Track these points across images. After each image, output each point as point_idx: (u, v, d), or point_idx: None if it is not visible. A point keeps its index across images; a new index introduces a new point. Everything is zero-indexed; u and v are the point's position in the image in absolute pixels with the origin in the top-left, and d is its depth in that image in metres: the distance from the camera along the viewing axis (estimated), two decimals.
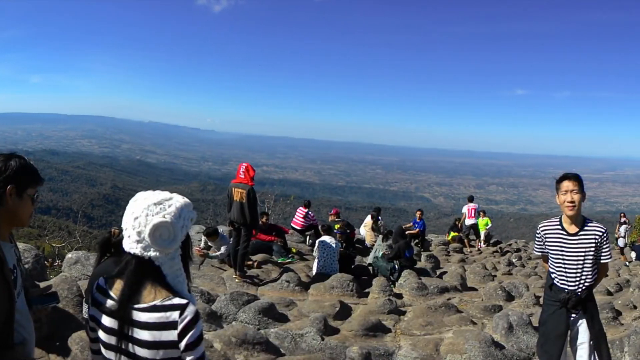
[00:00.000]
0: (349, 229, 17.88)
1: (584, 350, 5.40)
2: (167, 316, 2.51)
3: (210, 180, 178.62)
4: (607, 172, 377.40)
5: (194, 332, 2.54)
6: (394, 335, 8.77)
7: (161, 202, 2.59)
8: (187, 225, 2.69)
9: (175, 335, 2.51)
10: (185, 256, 2.77)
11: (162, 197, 2.63)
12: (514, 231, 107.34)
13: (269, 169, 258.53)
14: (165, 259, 2.60)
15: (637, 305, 12.36)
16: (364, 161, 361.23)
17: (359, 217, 44.59)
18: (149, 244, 2.53)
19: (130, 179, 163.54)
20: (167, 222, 2.54)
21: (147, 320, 2.50)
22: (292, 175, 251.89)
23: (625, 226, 25.59)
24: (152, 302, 2.52)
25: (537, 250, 5.79)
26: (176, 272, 2.66)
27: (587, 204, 5.90)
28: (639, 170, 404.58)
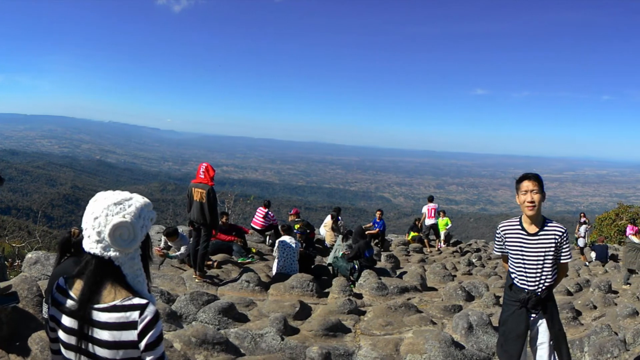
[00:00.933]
0: (308, 229, 17.93)
1: (544, 350, 5.42)
2: (127, 316, 2.51)
3: (170, 180, 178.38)
4: (567, 172, 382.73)
5: (154, 332, 2.55)
6: (353, 335, 8.79)
7: (121, 202, 2.60)
8: (147, 225, 2.70)
9: (135, 335, 2.52)
10: (145, 256, 2.77)
11: (122, 197, 2.63)
12: (474, 231, 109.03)
13: (229, 169, 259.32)
14: (125, 259, 2.60)
15: (597, 305, 12.55)
16: (323, 161, 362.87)
17: (318, 217, 44.75)
18: (108, 244, 2.53)
19: (90, 179, 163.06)
20: (127, 222, 2.55)
21: (107, 320, 2.51)
22: (251, 175, 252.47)
23: (585, 226, 25.84)
24: (112, 302, 2.53)
25: (497, 250, 5.79)
26: (136, 272, 2.67)
27: (547, 204, 5.94)
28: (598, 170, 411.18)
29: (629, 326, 10.25)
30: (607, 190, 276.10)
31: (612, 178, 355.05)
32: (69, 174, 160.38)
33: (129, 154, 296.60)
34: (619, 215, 39.45)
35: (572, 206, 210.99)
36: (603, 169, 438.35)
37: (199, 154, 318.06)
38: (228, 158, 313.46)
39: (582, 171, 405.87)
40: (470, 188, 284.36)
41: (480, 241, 30.54)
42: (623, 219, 37.62)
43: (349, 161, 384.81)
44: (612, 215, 40.18)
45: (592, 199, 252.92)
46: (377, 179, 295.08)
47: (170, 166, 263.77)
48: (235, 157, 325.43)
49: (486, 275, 17.83)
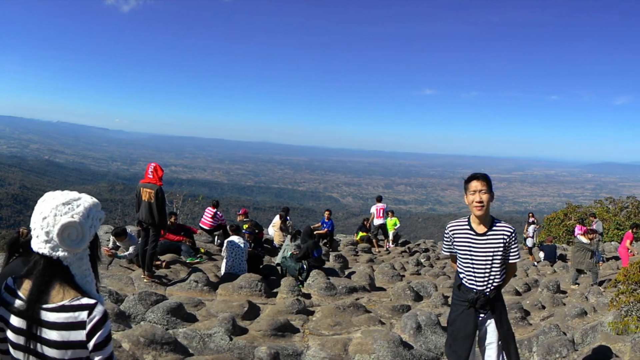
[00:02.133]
0: (257, 229, 17.84)
1: (493, 350, 5.45)
2: (76, 316, 2.51)
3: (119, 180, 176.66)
4: (515, 172, 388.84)
5: (103, 332, 2.55)
6: (302, 335, 8.80)
7: (69, 202, 2.60)
8: (96, 225, 2.70)
9: (84, 335, 2.51)
10: (94, 256, 2.77)
11: (71, 197, 2.63)
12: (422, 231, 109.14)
13: (178, 168, 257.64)
14: (74, 258, 2.60)
15: (546, 305, 12.70)
16: (272, 161, 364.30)
17: (267, 217, 44.80)
18: (57, 244, 2.53)
19: (39, 179, 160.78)
20: (76, 222, 2.55)
21: (55, 320, 2.50)
22: (200, 175, 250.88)
23: (534, 226, 26.10)
24: (60, 302, 2.52)
25: (446, 250, 5.79)
26: (84, 272, 2.66)
27: (495, 204, 6.00)
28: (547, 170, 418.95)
29: (578, 326, 10.42)
30: (555, 190, 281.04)
31: (561, 178, 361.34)
32: (17, 174, 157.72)
33: (78, 154, 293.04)
34: (567, 215, 39.84)
35: (520, 206, 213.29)
36: (551, 169, 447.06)
37: (147, 154, 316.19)
38: (177, 158, 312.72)
39: (530, 171, 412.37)
40: (418, 188, 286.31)
41: (428, 241, 30.65)
42: (571, 219, 37.99)
43: (297, 161, 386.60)
44: (561, 215, 40.57)
45: (540, 199, 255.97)
46: (326, 179, 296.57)
47: (118, 166, 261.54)
48: (183, 157, 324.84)
49: (435, 275, 17.91)
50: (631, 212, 41.50)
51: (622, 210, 41.93)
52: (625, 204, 42.83)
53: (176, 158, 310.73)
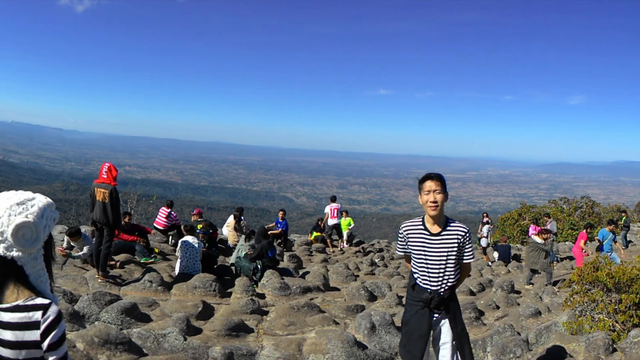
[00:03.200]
0: (211, 229, 17.92)
1: (447, 350, 5.45)
2: (30, 316, 2.50)
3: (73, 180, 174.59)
4: (470, 172, 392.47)
5: (57, 332, 2.53)
6: (256, 335, 8.83)
7: (24, 202, 2.58)
8: (50, 225, 2.69)
9: (38, 335, 2.50)
10: (48, 256, 2.76)
11: (25, 197, 2.61)
12: (376, 231, 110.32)
13: (132, 168, 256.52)
14: (28, 258, 2.59)
15: (500, 305, 12.80)
16: (226, 161, 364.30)
17: (221, 217, 44.68)
18: (11, 244, 2.52)
19: None
20: (30, 222, 2.54)
21: (9, 320, 2.48)
22: (154, 175, 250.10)
23: (488, 226, 26.21)
24: (14, 302, 2.51)
25: (400, 250, 5.77)
26: (39, 272, 2.65)
27: (449, 204, 6.03)
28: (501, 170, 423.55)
29: (532, 326, 10.52)
30: (509, 190, 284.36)
31: (515, 178, 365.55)
32: None
33: (32, 154, 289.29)
34: (521, 215, 40.19)
35: (474, 206, 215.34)
36: (506, 169, 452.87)
37: (101, 154, 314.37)
38: (131, 158, 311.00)
39: (485, 171, 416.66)
40: (373, 188, 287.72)
41: (383, 241, 30.73)
42: (526, 219, 38.18)
43: (251, 161, 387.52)
44: (515, 215, 40.91)
45: (494, 198, 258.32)
46: (280, 179, 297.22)
47: (73, 166, 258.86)
48: (138, 157, 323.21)
49: (389, 275, 18.01)
50: (585, 212, 42.03)
51: (576, 210, 42.47)
52: (580, 204, 43.36)
53: (130, 158, 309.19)
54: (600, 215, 42.41)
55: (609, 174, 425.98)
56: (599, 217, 40.95)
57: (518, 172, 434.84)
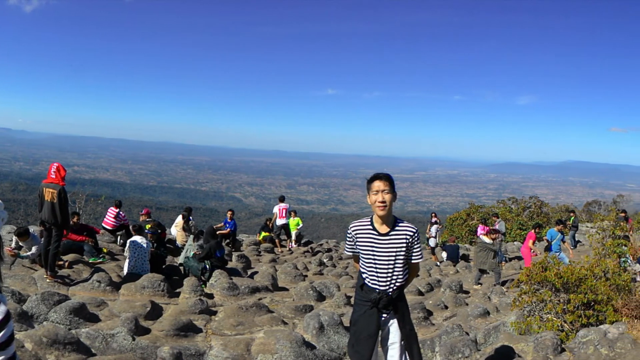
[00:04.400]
0: (160, 229, 17.82)
1: (395, 350, 5.44)
2: None
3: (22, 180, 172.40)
4: (418, 172, 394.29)
5: (5, 332, 2.52)
6: (205, 335, 8.82)
7: None
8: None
9: None
10: None
11: None
12: (325, 231, 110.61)
13: (80, 169, 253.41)
14: None
15: (448, 305, 12.91)
16: (175, 161, 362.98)
17: (170, 217, 44.59)
18: None
19: None
20: None
21: None
22: (103, 175, 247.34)
23: (437, 226, 26.29)
24: None
25: (348, 250, 5.75)
26: None
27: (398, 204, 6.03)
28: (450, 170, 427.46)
29: (480, 326, 10.63)
30: (458, 190, 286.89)
31: (464, 178, 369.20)
32: None
33: None
34: (470, 215, 40.57)
35: (423, 206, 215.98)
36: (454, 169, 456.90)
37: (50, 154, 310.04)
38: (79, 158, 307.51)
39: (433, 171, 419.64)
40: (321, 188, 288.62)
41: (331, 241, 30.83)
42: (474, 219, 38.65)
43: (200, 161, 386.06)
44: (463, 215, 41.28)
45: (443, 198, 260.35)
46: (228, 179, 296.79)
47: (21, 166, 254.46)
48: (86, 157, 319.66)
49: (337, 275, 18.08)
50: (534, 212, 42.47)
51: (524, 210, 42.90)
52: (528, 204, 43.81)
53: (79, 158, 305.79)
54: (548, 215, 43.09)
55: (557, 174, 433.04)
56: (547, 217, 41.53)
57: (466, 172, 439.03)
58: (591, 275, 9.73)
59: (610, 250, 12.19)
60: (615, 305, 9.31)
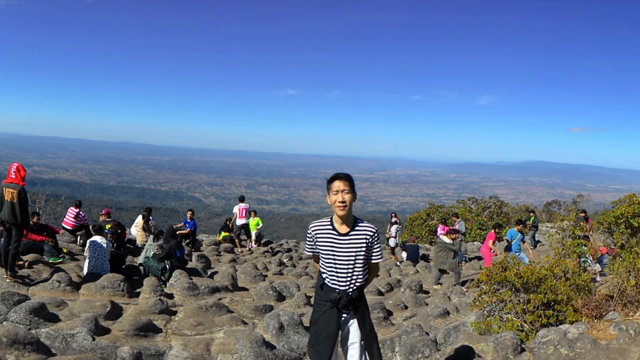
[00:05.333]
0: (120, 229, 17.95)
1: (355, 350, 5.44)
2: None
3: None
4: (378, 172, 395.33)
5: None
6: (165, 335, 8.84)
7: None
8: None
9: None
10: None
11: None
12: (285, 231, 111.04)
13: (40, 168, 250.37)
14: None
15: (408, 305, 12.99)
16: (135, 161, 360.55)
17: (130, 217, 44.38)
18: None
19: None
20: None
21: None
22: (63, 175, 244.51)
23: (397, 226, 26.22)
24: None
25: (308, 250, 5.76)
26: None
27: (358, 204, 6.05)
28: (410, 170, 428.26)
29: (440, 326, 10.69)
30: (418, 190, 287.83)
31: (424, 178, 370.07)
32: None
33: None
34: (430, 215, 40.65)
35: (383, 206, 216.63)
36: (414, 169, 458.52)
37: (10, 154, 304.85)
38: (39, 158, 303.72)
39: (393, 171, 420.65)
40: (281, 188, 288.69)
41: (291, 241, 31.02)
42: (434, 219, 38.73)
43: (160, 161, 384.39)
44: (423, 215, 41.33)
45: (403, 198, 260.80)
46: (188, 179, 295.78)
47: None
48: (46, 157, 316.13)
49: (297, 275, 18.17)
50: (493, 212, 42.87)
51: (484, 210, 43.31)
52: (488, 204, 44.21)
53: (39, 158, 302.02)
54: (508, 215, 43.46)
55: (517, 174, 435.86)
56: (507, 217, 41.90)
57: (426, 172, 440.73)
58: (551, 275, 9.83)
59: (570, 251, 12.27)
60: (575, 305, 9.42)
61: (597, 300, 9.50)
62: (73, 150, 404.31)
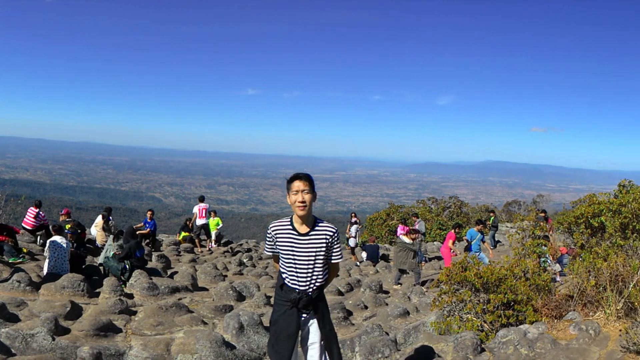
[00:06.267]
0: (80, 229, 17.95)
1: (315, 350, 5.47)
2: None
3: None
4: (338, 172, 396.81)
5: None
6: (124, 335, 8.81)
7: None
8: None
9: None
10: None
11: None
12: (245, 231, 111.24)
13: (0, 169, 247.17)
14: None
15: (368, 305, 12.98)
16: (95, 161, 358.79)
17: (90, 217, 44.09)
18: None
19: None
20: None
21: None
22: (22, 175, 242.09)
23: (356, 226, 26.20)
24: None
25: (268, 250, 5.73)
26: None
27: (318, 204, 6.06)
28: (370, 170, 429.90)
29: (400, 326, 10.73)
30: (378, 190, 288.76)
31: (384, 178, 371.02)
32: None
33: None
34: (389, 215, 40.46)
35: (343, 206, 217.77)
36: (374, 169, 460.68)
37: None
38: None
39: (353, 171, 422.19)
40: (241, 188, 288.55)
41: (251, 241, 31.08)
42: (394, 219, 38.49)
43: (120, 161, 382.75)
44: (383, 215, 41.12)
45: (363, 198, 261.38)
46: (148, 179, 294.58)
47: None
48: (5, 157, 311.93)
49: (257, 275, 18.20)
50: (453, 212, 43.17)
51: (444, 210, 43.59)
52: (448, 204, 44.51)
53: None
54: (468, 215, 43.81)
55: (477, 174, 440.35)
56: (467, 217, 42.26)
57: (386, 172, 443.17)
58: (511, 275, 9.90)
59: (530, 250, 12.37)
60: (535, 305, 9.49)
61: (557, 300, 9.53)
62: (33, 150, 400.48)
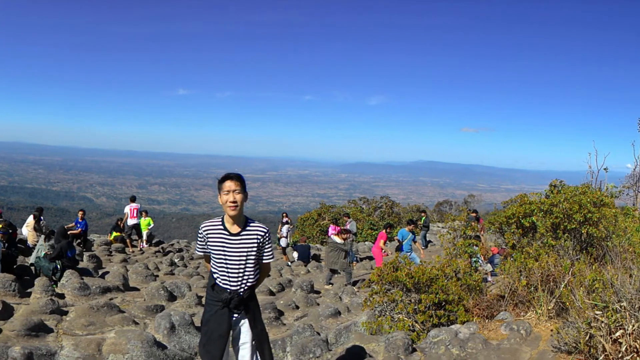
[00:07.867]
0: (11, 229, 17.51)
1: (246, 350, 5.49)
2: None
3: None
4: (269, 172, 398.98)
5: None
6: (56, 335, 8.66)
7: None
8: None
9: None
10: None
11: None
12: (176, 231, 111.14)
13: None
14: None
15: (300, 305, 13.00)
16: (26, 161, 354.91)
17: (21, 217, 43.53)
18: None
19: None
20: None
21: None
22: None
23: (288, 226, 26.39)
24: None
25: (200, 250, 5.73)
26: None
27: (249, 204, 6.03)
28: (301, 170, 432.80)
29: (331, 326, 10.76)
30: (309, 190, 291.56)
31: (315, 178, 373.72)
32: None
33: None
34: (321, 215, 40.88)
35: (274, 206, 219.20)
36: (305, 169, 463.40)
37: None
38: None
39: (284, 171, 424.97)
40: (172, 188, 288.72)
41: (182, 241, 31.03)
42: (325, 219, 39.05)
43: (51, 161, 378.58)
44: (315, 215, 41.50)
45: (294, 198, 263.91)
46: (80, 179, 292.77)
47: None
48: None
49: (188, 275, 18.00)
50: (385, 212, 43.44)
51: (375, 210, 43.83)
52: (379, 204, 44.78)
53: None
54: (399, 215, 44.17)
55: (408, 174, 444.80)
56: (398, 217, 42.55)
57: (318, 172, 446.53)
58: (442, 275, 9.99)
59: (462, 250, 12.47)
60: (466, 305, 9.63)
61: (489, 300, 9.70)
62: None
